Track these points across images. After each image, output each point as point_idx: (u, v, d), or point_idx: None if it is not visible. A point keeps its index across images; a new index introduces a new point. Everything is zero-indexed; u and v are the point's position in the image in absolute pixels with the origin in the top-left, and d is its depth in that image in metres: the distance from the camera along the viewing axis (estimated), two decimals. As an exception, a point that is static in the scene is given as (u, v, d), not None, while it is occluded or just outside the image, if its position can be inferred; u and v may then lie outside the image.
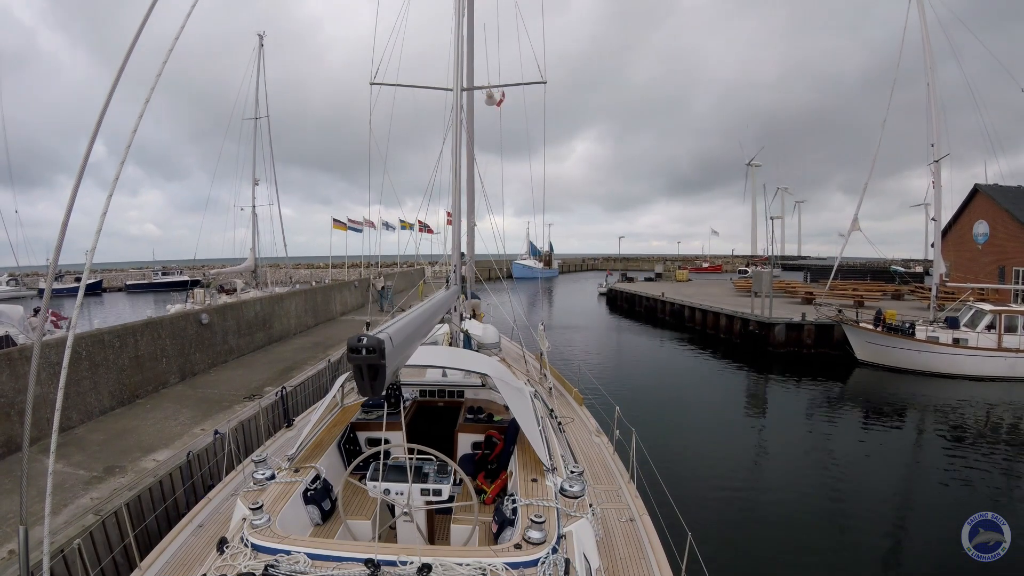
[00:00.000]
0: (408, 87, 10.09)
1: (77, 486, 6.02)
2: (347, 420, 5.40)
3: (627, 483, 5.31)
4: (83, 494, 5.83)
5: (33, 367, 3.14)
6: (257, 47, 25.96)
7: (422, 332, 3.93)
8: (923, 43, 18.12)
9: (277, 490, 3.86)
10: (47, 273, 3.79)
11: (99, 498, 5.73)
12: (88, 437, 7.64)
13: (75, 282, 43.36)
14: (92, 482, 6.13)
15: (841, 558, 7.13)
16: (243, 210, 26.08)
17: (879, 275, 39.77)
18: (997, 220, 27.45)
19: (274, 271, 33.15)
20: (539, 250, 69.09)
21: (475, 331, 8.71)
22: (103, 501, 5.65)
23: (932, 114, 18.19)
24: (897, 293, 30.25)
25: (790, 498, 8.78)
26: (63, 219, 3.09)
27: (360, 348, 2.45)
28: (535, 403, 5.33)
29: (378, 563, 2.67)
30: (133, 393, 9.30)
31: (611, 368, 18.37)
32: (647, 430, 10.81)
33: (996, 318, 16.54)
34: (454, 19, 8.32)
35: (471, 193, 9.74)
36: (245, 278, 26.91)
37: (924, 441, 12.08)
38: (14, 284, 35.93)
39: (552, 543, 2.99)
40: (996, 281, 25.73)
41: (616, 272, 56.55)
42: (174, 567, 3.88)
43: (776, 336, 19.99)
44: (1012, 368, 16.13)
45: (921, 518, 8.39)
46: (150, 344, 9.90)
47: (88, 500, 5.69)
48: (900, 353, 17.17)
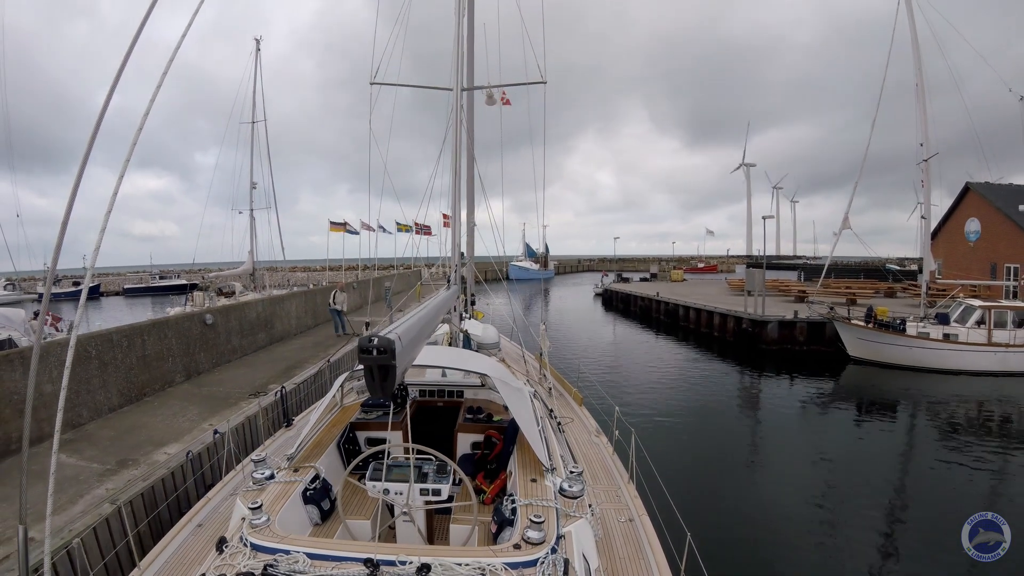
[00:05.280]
0: (408, 87, 10.21)
1: (92, 478, 6.20)
2: (346, 420, 5.41)
3: (626, 483, 5.29)
4: (98, 485, 6.01)
5: (33, 367, 3.15)
6: (254, 51, 26.19)
7: (427, 332, 3.96)
8: (912, 42, 18.43)
9: (276, 490, 3.85)
10: (44, 277, 3.80)
11: (114, 489, 5.91)
12: (98, 433, 7.81)
13: (73, 286, 43.33)
14: (106, 474, 6.31)
15: (839, 555, 7.21)
16: (241, 213, 26.29)
17: (872, 273, 40.17)
18: (988, 218, 27.82)
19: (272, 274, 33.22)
20: (535, 251, 69.25)
21: (475, 331, 8.68)
22: (118, 492, 5.83)
23: (921, 113, 18.52)
24: (890, 291, 30.56)
25: (788, 497, 8.92)
26: (62, 221, 3.06)
27: (371, 349, 2.48)
28: (534, 403, 5.31)
29: (377, 563, 2.66)
30: (141, 391, 9.47)
31: (608, 368, 18.56)
32: (646, 430, 11.05)
33: (985, 314, 16.82)
34: (454, 19, 8.31)
35: (471, 194, 9.77)
36: (243, 281, 27.05)
37: (916, 436, 12.32)
38: (11, 288, 35.87)
39: (551, 543, 2.98)
40: (988, 278, 26.06)
41: (612, 273, 56.77)
42: (173, 566, 3.86)
43: (769, 334, 20.24)
44: (1002, 363, 16.41)
45: (916, 514, 8.53)
46: (156, 344, 10.08)
47: (103, 491, 5.87)
48: (891, 349, 17.44)
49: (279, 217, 26.54)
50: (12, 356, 7.48)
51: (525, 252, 68.07)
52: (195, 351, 11.34)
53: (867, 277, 39.13)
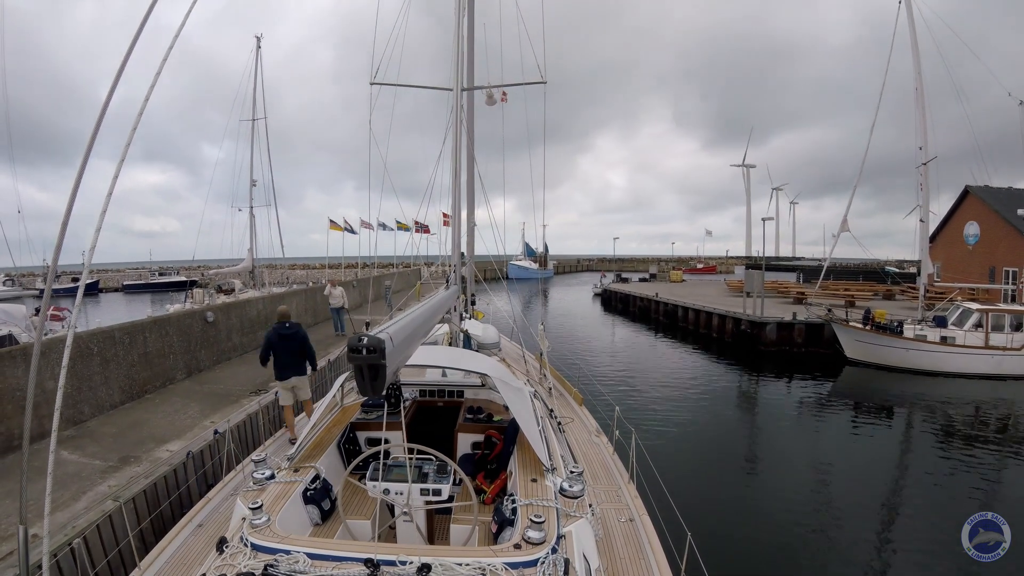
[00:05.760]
0: (408, 87, 10.23)
1: (94, 475, 6.24)
2: (347, 420, 5.40)
3: (627, 483, 5.30)
4: (100, 482, 6.06)
5: (34, 365, 3.14)
6: (255, 49, 26.20)
7: (422, 332, 3.95)
8: (911, 47, 18.50)
9: (277, 490, 3.85)
10: (43, 273, 3.80)
11: (116, 485, 5.96)
12: (100, 430, 7.85)
13: (72, 282, 43.31)
14: (108, 471, 6.36)
15: (838, 555, 7.26)
16: (240, 211, 26.32)
17: (871, 276, 40.21)
18: (987, 221, 27.86)
19: (271, 272, 33.26)
20: (534, 251, 69.24)
21: (475, 331, 8.69)
22: (120, 488, 5.88)
23: (920, 117, 18.58)
24: (888, 293, 30.64)
25: (787, 497, 8.95)
26: (62, 221, 3.06)
27: (360, 348, 2.47)
28: (535, 403, 5.32)
29: (377, 563, 2.65)
30: (142, 388, 9.51)
31: (608, 368, 18.61)
32: (646, 430, 11.09)
33: (983, 317, 16.87)
34: (454, 19, 8.33)
35: (471, 193, 9.78)
36: (243, 278, 27.06)
37: (913, 438, 12.38)
38: (10, 284, 35.87)
39: (552, 543, 2.97)
40: (987, 282, 26.12)
41: (611, 273, 56.79)
42: (174, 566, 3.88)
43: (767, 335, 20.30)
44: (999, 366, 16.45)
45: (913, 514, 8.58)
46: (158, 341, 10.12)
47: (106, 488, 5.92)
48: (889, 351, 17.49)
49: (279, 215, 26.58)
50: (14, 352, 7.52)
51: (524, 252, 68.05)
52: (196, 348, 11.38)
53: (865, 279, 39.15)
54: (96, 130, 3.13)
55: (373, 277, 23.22)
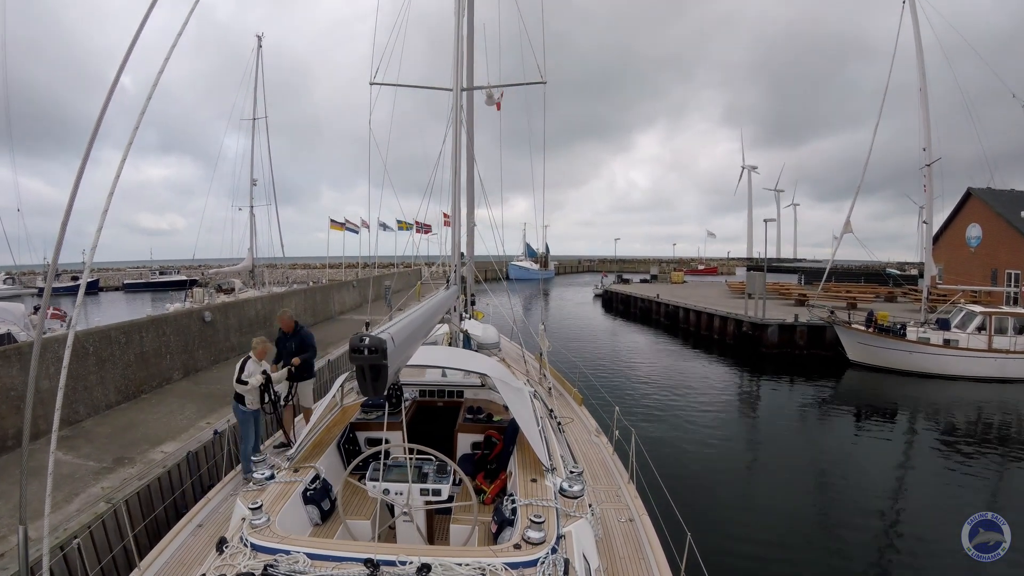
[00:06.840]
0: (408, 87, 10.18)
1: (88, 476, 6.16)
2: (347, 420, 5.38)
3: (626, 483, 5.30)
4: (93, 484, 5.98)
5: (33, 364, 3.13)
6: (256, 48, 26.16)
7: (422, 332, 3.94)
8: (916, 49, 18.42)
9: (276, 490, 3.85)
10: (44, 271, 3.78)
11: (109, 487, 5.88)
12: (95, 430, 7.78)
13: (72, 281, 43.27)
14: (102, 472, 6.28)
15: (838, 556, 7.23)
16: (241, 210, 26.27)
17: (873, 278, 40.12)
18: (990, 223, 27.77)
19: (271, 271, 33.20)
20: (535, 251, 69.21)
21: (475, 331, 8.69)
22: (114, 490, 5.80)
23: (923, 118, 18.50)
24: (891, 295, 30.53)
25: (787, 498, 8.92)
26: (63, 220, 3.04)
27: (362, 348, 2.46)
28: (534, 403, 5.33)
29: (377, 563, 2.65)
30: (138, 389, 9.44)
31: (609, 368, 18.53)
32: (646, 430, 11.02)
33: (986, 320, 16.80)
34: (454, 19, 8.33)
35: (471, 193, 9.76)
36: (243, 278, 27.01)
37: (915, 440, 12.30)
38: (11, 282, 35.84)
39: (551, 543, 2.98)
40: (989, 284, 26.04)
41: (612, 274, 56.71)
42: (174, 566, 3.87)
43: (769, 337, 20.20)
44: (1002, 369, 16.38)
45: (914, 517, 8.54)
46: (155, 341, 10.05)
47: (99, 489, 5.84)
48: (891, 354, 17.41)
49: (278, 214, 26.50)
50: (10, 352, 7.46)
51: (525, 252, 68.01)
52: (194, 348, 11.31)
53: (868, 281, 39.09)
54: (99, 120, 3.07)
55: (373, 277, 23.18)
